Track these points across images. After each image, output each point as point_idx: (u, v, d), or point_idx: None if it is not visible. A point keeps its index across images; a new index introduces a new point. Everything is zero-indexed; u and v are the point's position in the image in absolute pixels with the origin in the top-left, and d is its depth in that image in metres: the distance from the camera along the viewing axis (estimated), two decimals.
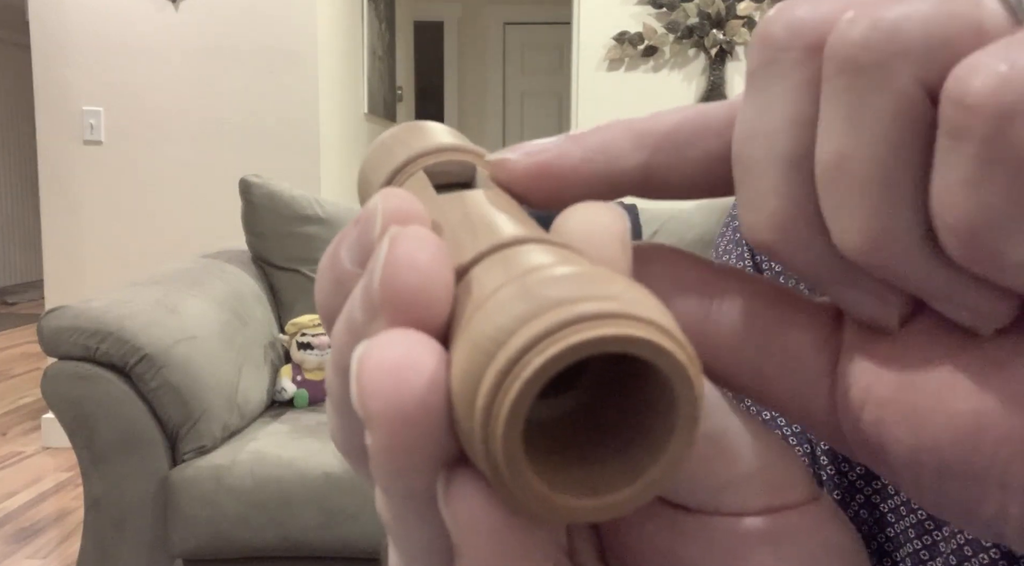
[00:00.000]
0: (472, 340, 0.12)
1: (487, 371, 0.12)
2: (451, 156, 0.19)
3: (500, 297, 0.12)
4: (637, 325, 0.12)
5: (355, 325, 0.14)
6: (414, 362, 0.12)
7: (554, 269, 0.13)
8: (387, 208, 0.14)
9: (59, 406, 1.59)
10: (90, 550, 1.63)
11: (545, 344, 0.12)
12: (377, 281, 0.13)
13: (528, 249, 0.14)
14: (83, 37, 2.86)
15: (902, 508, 0.34)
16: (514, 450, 0.12)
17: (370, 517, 1.63)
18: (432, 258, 0.13)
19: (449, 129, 0.20)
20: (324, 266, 0.16)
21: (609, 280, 0.12)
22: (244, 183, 2.15)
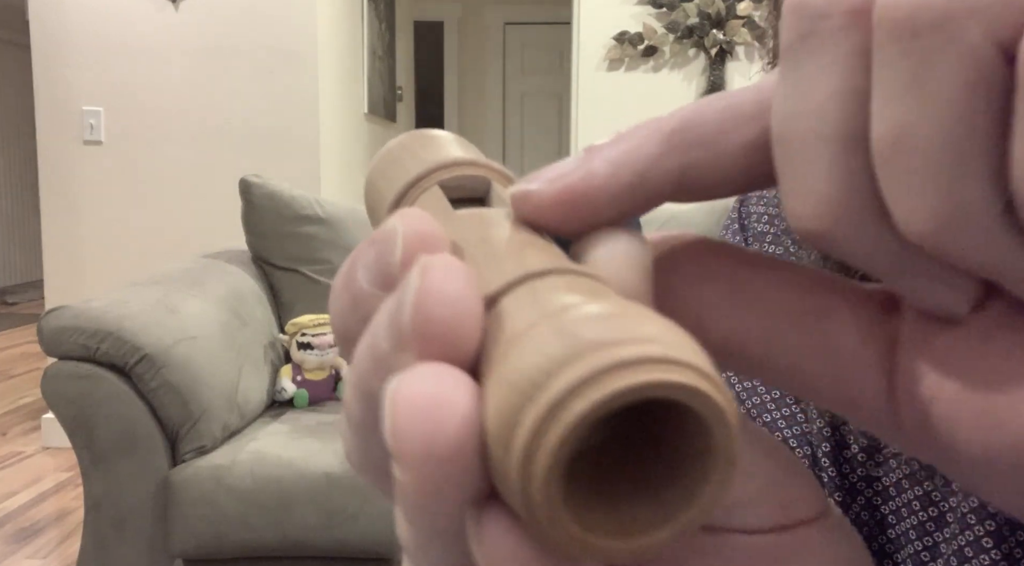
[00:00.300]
0: (507, 379, 0.12)
1: (525, 414, 0.12)
2: (466, 170, 0.18)
3: (535, 336, 0.12)
4: (678, 370, 0.12)
5: (380, 354, 0.13)
6: (448, 401, 0.12)
7: (588, 307, 0.12)
8: (408, 231, 0.14)
9: (59, 406, 1.59)
10: (90, 550, 1.63)
11: (587, 389, 0.11)
12: (408, 314, 0.13)
13: (557, 281, 0.14)
14: (83, 37, 2.86)
15: (903, 510, 0.34)
16: (553, 494, 0.12)
17: (370, 517, 1.63)
18: (464, 290, 0.13)
19: (459, 139, 0.20)
20: (339, 285, 0.16)
21: (644, 319, 0.12)
22: (244, 183, 2.15)
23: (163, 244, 2.89)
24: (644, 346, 0.12)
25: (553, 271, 0.14)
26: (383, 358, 0.13)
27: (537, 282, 0.14)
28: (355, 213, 2.25)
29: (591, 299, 0.13)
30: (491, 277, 0.14)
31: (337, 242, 2.18)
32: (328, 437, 1.74)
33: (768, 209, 0.43)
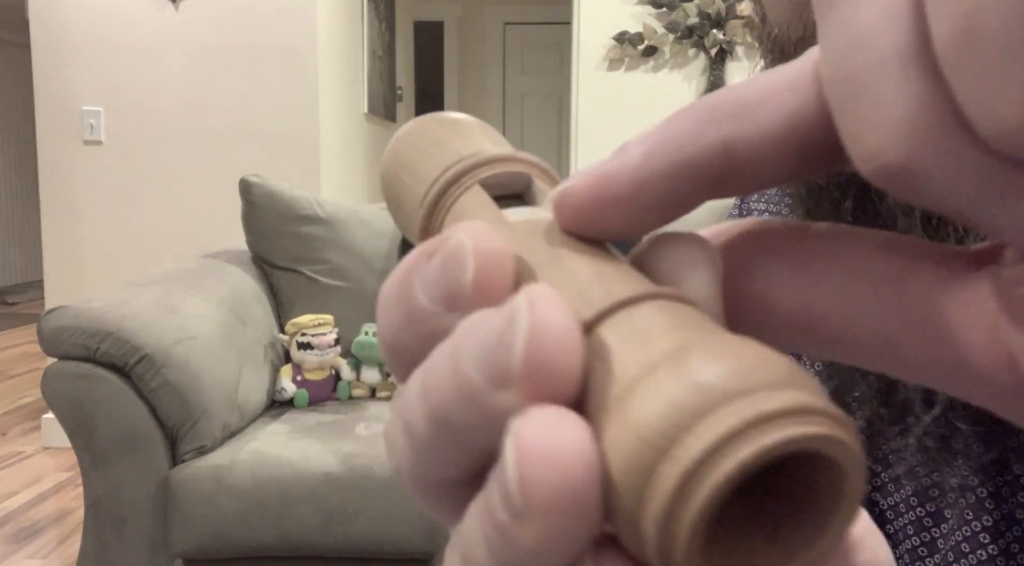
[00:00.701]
0: (634, 430, 0.12)
1: (664, 471, 0.11)
2: (507, 167, 0.18)
3: (657, 382, 0.12)
4: (819, 421, 0.12)
5: (471, 387, 0.13)
6: (576, 450, 0.12)
7: (703, 346, 0.12)
8: (479, 250, 0.14)
9: (59, 406, 1.59)
10: (90, 550, 1.63)
11: (733, 447, 0.11)
12: (519, 355, 0.12)
13: (651, 310, 0.13)
14: (83, 37, 2.86)
15: (901, 505, 0.34)
16: (695, 552, 0.12)
17: (370, 517, 1.63)
18: (573, 328, 0.13)
19: (484, 126, 0.19)
20: (392, 298, 0.15)
21: (764, 358, 0.12)
22: (244, 183, 2.15)
23: (163, 244, 2.89)
24: (781, 395, 0.11)
25: (644, 297, 0.14)
26: (474, 392, 0.13)
27: (632, 311, 0.13)
28: (355, 213, 2.25)
29: (696, 332, 0.13)
30: (576, 303, 0.14)
31: (337, 242, 2.18)
32: (328, 437, 1.74)
33: (769, 207, 0.42)
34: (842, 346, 0.15)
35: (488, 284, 0.14)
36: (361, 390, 2.07)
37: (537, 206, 0.17)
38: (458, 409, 0.13)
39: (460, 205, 0.17)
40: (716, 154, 0.14)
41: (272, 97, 2.88)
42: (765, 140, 0.14)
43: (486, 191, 0.17)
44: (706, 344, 0.12)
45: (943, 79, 0.12)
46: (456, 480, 0.15)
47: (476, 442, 0.14)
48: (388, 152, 0.20)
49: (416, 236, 0.18)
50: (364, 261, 2.19)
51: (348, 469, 1.64)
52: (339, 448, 1.68)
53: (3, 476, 2.75)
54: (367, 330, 2.08)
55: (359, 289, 2.17)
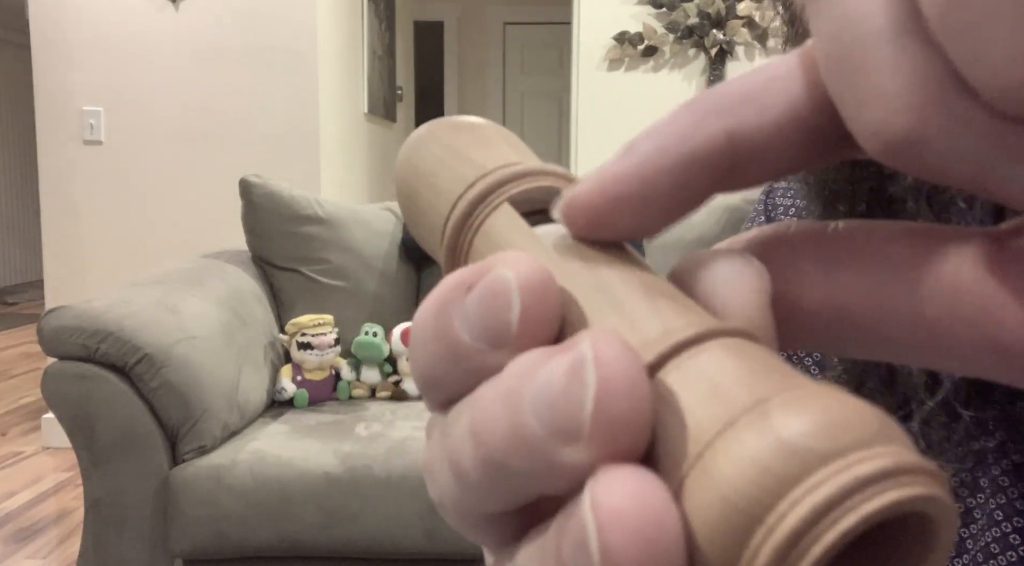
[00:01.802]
0: (720, 494, 0.11)
1: (757, 540, 0.11)
2: (535, 182, 0.17)
3: (740, 441, 0.11)
4: (916, 480, 0.11)
5: (531, 437, 0.12)
6: (661, 517, 0.11)
7: (781, 397, 0.12)
8: (525, 286, 0.13)
9: (59, 406, 1.59)
10: (90, 550, 1.63)
11: (833, 517, 0.11)
12: (589, 411, 0.12)
13: (715, 351, 0.13)
14: (83, 37, 2.86)
15: None
16: None
17: (370, 517, 1.63)
18: (641, 378, 0.12)
19: (500, 130, 0.18)
20: (428, 333, 0.14)
21: (855, 411, 0.11)
22: (244, 183, 2.15)
23: (163, 244, 2.89)
24: (876, 455, 0.11)
25: (705, 336, 0.13)
26: (534, 443, 0.12)
27: (696, 354, 0.13)
28: (355, 213, 2.25)
29: (772, 379, 0.12)
30: (633, 341, 0.13)
31: (337, 242, 2.18)
32: (328, 437, 1.74)
33: (796, 202, 0.42)
34: (874, 338, 0.15)
35: (535, 320, 0.13)
36: (361, 390, 2.07)
37: None
38: (515, 457, 0.13)
39: (489, 226, 0.16)
40: (720, 146, 0.14)
41: (272, 97, 2.88)
42: (768, 129, 0.14)
43: (515, 208, 0.16)
44: (788, 396, 0.12)
45: (938, 45, 0.11)
46: (505, 513, 0.14)
47: (532, 487, 0.13)
48: (402, 161, 0.18)
49: (439, 252, 0.17)
50: (364, 261, 2.19)
51: (348, 469, 1.64)
52: (339, 448, 1.68)
53: (3, 476, 2.75)
54: (367, 330, 2.08)
55: (359, 289, 2.17)
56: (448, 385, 0.14)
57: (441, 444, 0.15)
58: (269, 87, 2.87)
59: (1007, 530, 0.31)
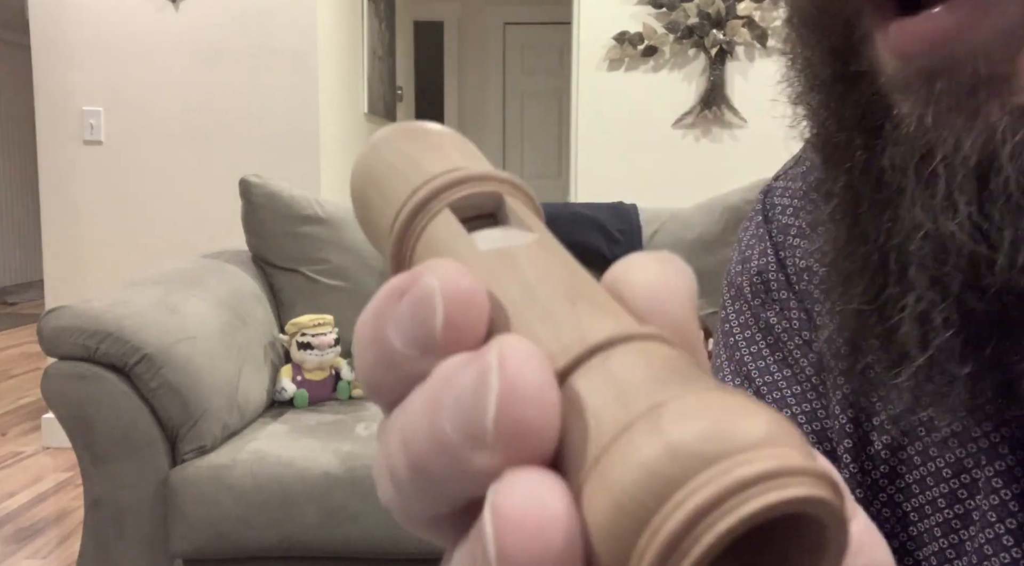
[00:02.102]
0: (613, 498, 0.11)
1: (643, 542, 0.11)
2: (477, 187, 0.17)
3: (634, 445, 0.12)
4: (798, 482, 0.11)
5: (447, 442, 0.13)
6: (554, 520, 0.12)
7: (679, 403, 0.12)
8: (448, 293, 0.13)
9: (59, 406, 1.59)
10: (90, 550, 1.63)
11: (714, 518, 0.11)
12: (492, 417, 0.12)
13: (627, 356, 0.13)
14: (83, 37, 2.86)
15: (927, 507, 0.34)
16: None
17: (370, 517, 1.63)
18: (548, 384, 0.12)
19: (456, 138, 0.18)
20: (366, 340, 0.15)
21: (744, 414, 0.12)
22: (244, 183, 2.15)
23: (163, 244, 2.89)
24: (758, 458, 0.11)
25: (618, 340, 0.13)
26: (450, 448, 0.13)
27: (607, 357, 0.13)
28: None
29: (672, 383, 0.12)
30: (548, 344, 0.13)
31: (337, 242, 2.18)
32: (328, 437, 1.74)
33: (793, 201, 0.42)
34: None
35: (459, 326, 0.14)
36: (361, 390, 2.07)
37: (509, 226, 0.17)
38: (436, 463, 0.13)
39: (430, 233, 0.16)
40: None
41: (272, 97, 2.88)
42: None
43: (456, 214, 0.16)
44: (682, 400, 0.12)
45: None
46: (442, 516, 0.15)
47: (458, 492, 0.13)
48: (357, 165, 0.19)
49: (387, 258, 0.18)
50: (364, 261, 2.19)
51: (348, 469, 1.64)
52: (339, 448, 1.68)
53: (3, 476, 2.75)
54: None
55: (359, 289, 2.17)
56: (386, 390, 0.15)
57: (383, 448, 0.15)
58: (269, 87, 2.87)
59: (1000, 531, 0.31)
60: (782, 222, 0.42)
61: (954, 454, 0.32)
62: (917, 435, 0.34)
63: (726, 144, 2.94)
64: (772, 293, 0.41)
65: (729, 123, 2.93)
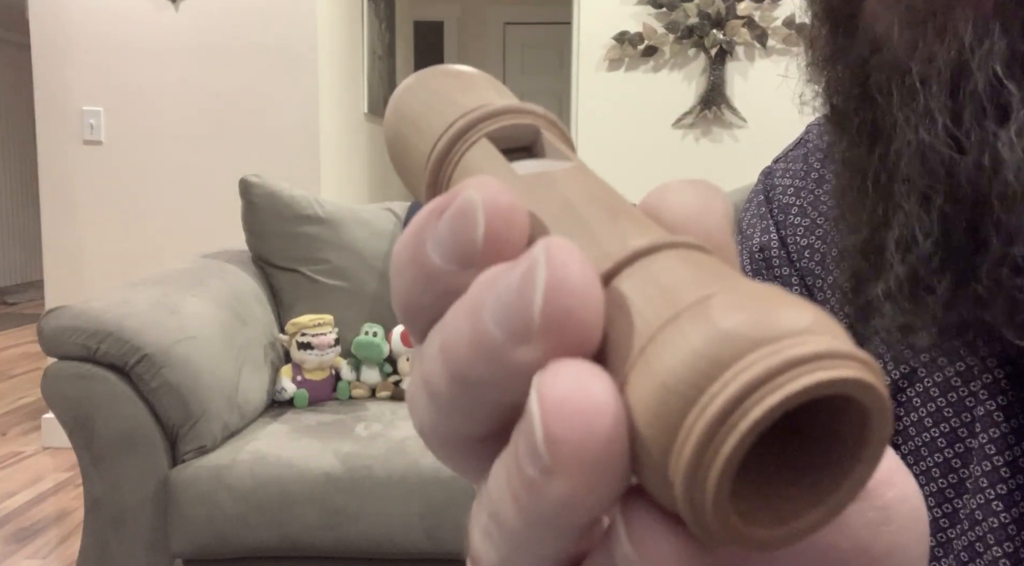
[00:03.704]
0: (659, 381, 0.12)
1: (690, 420, 0.11)
2: (514, 119, 0.17)
3: (680, 332, 0.12)
4: (846, 364, 0.11)
5: (490, 342, 0.13)
6: (600, 402, 0.12)
7: (725, 295, 0.12)
8: (489, 205, 0.14)
9: (59, 406, 1.59)
10: (90, 550, 1.63)
11: (761, 394, 0.11)
12: (538, 308, 0.12)
13: (669, 260, 0.13)
14: (83, 37, 2.86)
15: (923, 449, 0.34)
16: (724, 498, 0.12)
17: (370, 517, 1.63)
18: (592, 279, 0.12)
19: (487, 77, 0.19)
20: (404, 260, 0.15)
21: (787, 305, 0.12)
22: (244, 183, 2.15)
23: (163, 244, 2.89)
24: (807, 341, 0.11)
25: (661, 247, 0.13)
26: (493, 347, 0.13)
27: (650, 261, 0.13)
28: (355, 213, 2.25)
29: (717, 280, 0.12)
30: (591, 253, 0.14)
31: (337, 242, 2.18)
32: (328, 437, 1.74)
33: (795, 181, 0.43)
34: None
35: (500, 239, 0.14)
36: (361, 390, 2.07)
37: (545, 158, 0.17)
38: (478, 365, 0.13)
39: (467, 160, 0.17)
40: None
41: (272, 97, 2.88)
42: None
43: (494, 144, 0.17)
44: (728, 292, 0.12)
45: None
46: (479, 437, 0.15)
47: (498, 398, 0.14)
48: (390, 108, 0.19)
49: (423, 194, 0.18)
50: (364, 261, 2.19)
51: (348, 469, 1.64)
52: (339, 448, 1.68)
53: (3, 476, 2.75)
54: (367, 330, 2.08)
55: (359, 289, 2.17)
56: (424, 311, 0.15)
57: (418, 369, 0.15)
58: (269, 87, 2.87)
59: (991, 496, 0.31)
60: (783, 202, 0.43)
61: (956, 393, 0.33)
62: (918, 377, 0.34)
63: (726, 144, 2.94)
64: (774, 269, 0.42)
65: (729, 123, 2.93)
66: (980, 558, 0.31)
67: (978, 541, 0.31)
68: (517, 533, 0.13)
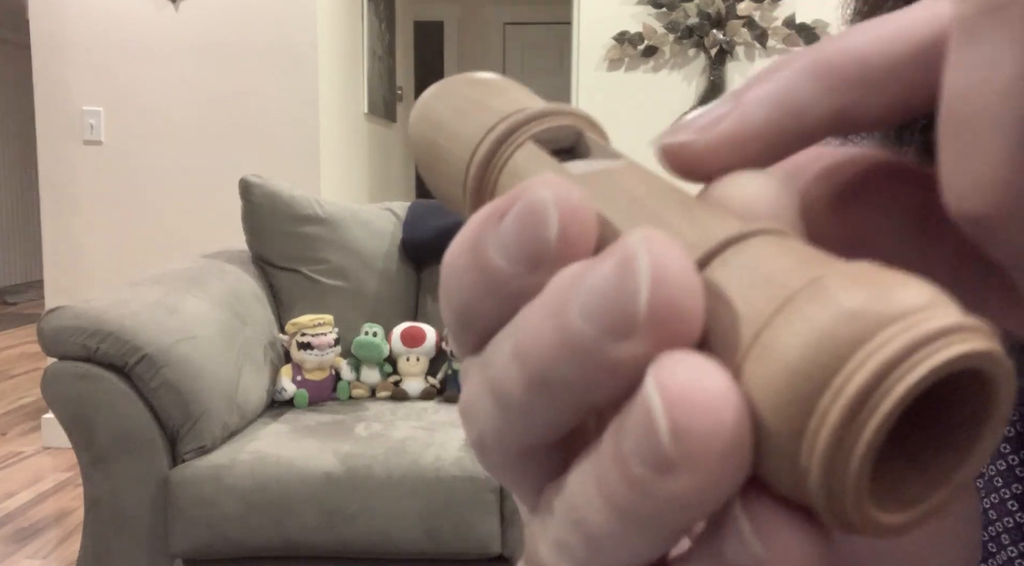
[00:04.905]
0: (784, 364, 0.11)
1: (825, 402, 0.11)
2: (556, 121, 0.17)
3: (800, 313, 0.11)
4: (977, 337, 0.11)
5: (581, 339, 0.12)
6: (725, 392, 0.11)
7: (838, 274, 0.12)
8: (561, 203, 0.13)
9: (59, 406, 1.59)
10: (90, 550, 1.63)
11: (900, 372, 0.11)
12: (644, 300, 0.12)
13: (760, 246, 0.13)
14: (83, 37, 2.86)
15: None
16: (864, 483, 0.11)
17: (370, 517, 1.63)
18: (690, 267, 0.12)
19: (514, 83, 0.18)
20: (464, 264, 0.14)
21: (908, 281, 0.12)
22: (244, 183, 2.16)
23: (163, 244, 2.89)
24: (936, 316, 0.11)
25: (749, 234, 0.13)
26: (586, 346, 0.12)
27: (740, 249, 0.13)
28: (355, 213, 2.25)
29: (819, 262, 0.12)
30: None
31: (337, 242, 2.18)
32: (328, 437, 1.74)
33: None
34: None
35: (574, 237, 0.13)
36: (361, 390, 2.07)
37: (593, 157, 0.17)
38: (565, 366, 0.13)
39: (515, 163, 0.16)
40: (831, 122, 0.15)
41: (272, 97, 2.88)
42: (879, 113, 0.15)
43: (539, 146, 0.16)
44: (842, 272, 0.12)
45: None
46: (548, 443, 0.15)
47: (581, 399, 0.13)
48: (417, 116, 0.19)
49: (461, 202, 0.17)
50: (364, 261, 2.19)
51: (348, 469, 1.64)
52: (339, 448, 1.68)
53: (3, 476, 2.75)
54: (367, 330, 2.08)
55: (359, 289, 2.17)
56: (485, 318, 0.14)
57: (481, 378, 0.14)
58: (269, 87, 2.87)
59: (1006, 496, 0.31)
60: None
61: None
62: None
63: None
64: None
65: None
66: (994, 558, 0.31)
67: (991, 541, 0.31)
68: (610, 539, 0.13)
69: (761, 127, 0.15)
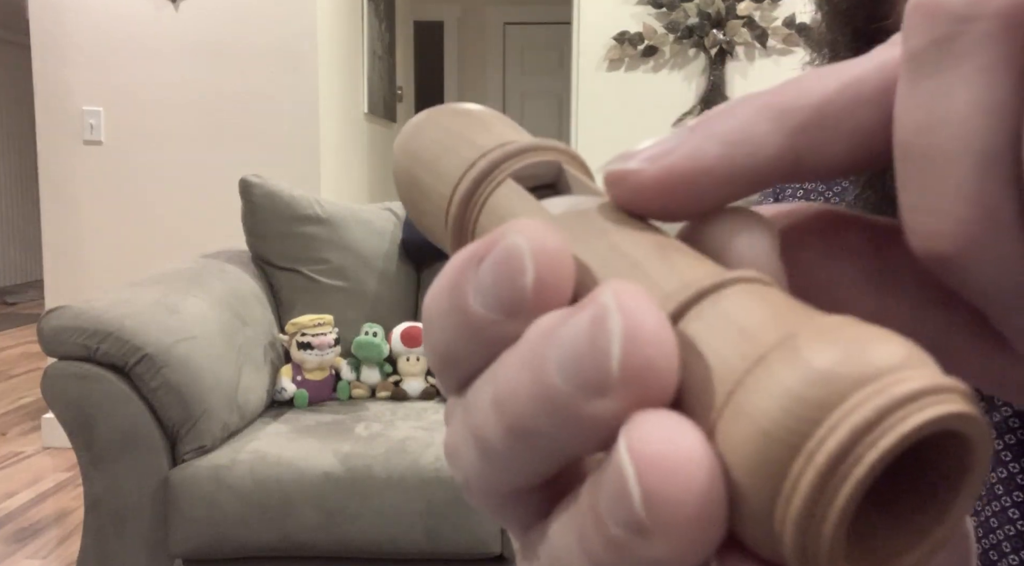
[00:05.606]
0: (756, 426, 0.11)
1: (797, 467, 0.11)
2: (536, 157, 0.17)
3: (771, 374, 0.11)
4: (951, 398, 0.11)
5: (555, 395, 0.12)
6: (697, 456, 0.11)
7: (811, 331, 0.11)
8: (537, 251, 0.13)
9: (59, 406, 1.59)
10: (90, 550, 1.63)
11: (872, 438, 0.11)
12: (616, 359, 0.12)
13: (735, 297, 0.13)
14: (83, 37, 2.86)
15: None
16: (838, 546, 0.11)
17: (370, 517, 1.63)
18: (664, 324, 0.12)
19: (498, 115, 0.18)
20: (443, 309, 0.14)
21: (882, 339, 0.11)
22: (244, 183, 2.15)
23: (163, 244, 2.89)
24: (908, 377, 0.11)
25: (725, 283, 0.13)
26: (562, 402, 0.12)
27: (716, 299, 0.13)
28: (355, 213, 2.25)
29: (794, 316, 0.12)
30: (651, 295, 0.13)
31: (337, 242, 2.18)
32: (328, 437, 1.74)
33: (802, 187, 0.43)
34: None
35: (550, 286, 0.13)
36: (361, 390, 2.07)
37: (572, 194, 0.17)
38: (541, 420, 0.13)
39: (495, 201, 0.16)
40: (785, 165, 0.14)
41: (272, 97, 2.88)
42: (840, 158, 0.14)
43: (520, 184, 0.16)
44: (815, 329, 0.12)
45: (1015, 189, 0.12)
46: (532, 487, 0.14)
47: (559, 451, 0.13)
48: (400, 149, 0.18)
49: (443, 237, 0.17)
50: (364, 261, 2.19)
51: (348, 469, 1.64)
52: (339, 448, 1.68)
53: (3, 476, 2.75)
54: (367, 330, 2.08)
55: (359, 289, 2.17)
56: (466, 361, 0.14)
57: (463, 422, 0.14)
58: (269, 87, 2.87)
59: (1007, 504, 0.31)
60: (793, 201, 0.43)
61: None
62: None
63: None
64: None
65: None
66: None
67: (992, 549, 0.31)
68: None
69: (713, 162, 0.14)
